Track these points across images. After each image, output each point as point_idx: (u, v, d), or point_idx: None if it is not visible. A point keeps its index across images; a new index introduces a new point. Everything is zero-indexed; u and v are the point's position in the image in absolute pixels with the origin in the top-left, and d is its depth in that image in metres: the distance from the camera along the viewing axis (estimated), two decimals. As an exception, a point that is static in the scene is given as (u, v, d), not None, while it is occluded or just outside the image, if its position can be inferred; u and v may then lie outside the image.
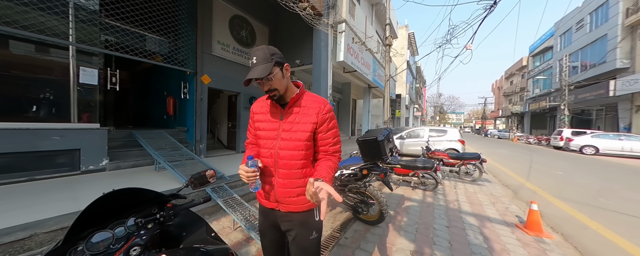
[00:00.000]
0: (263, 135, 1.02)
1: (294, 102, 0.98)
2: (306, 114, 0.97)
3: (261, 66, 0.87)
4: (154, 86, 6.81)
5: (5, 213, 1.98)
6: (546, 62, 22.66)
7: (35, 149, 2.96)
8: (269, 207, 1.05)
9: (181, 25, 4.63)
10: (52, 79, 3.25)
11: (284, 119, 0.98)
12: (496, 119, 42.23)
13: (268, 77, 0.88)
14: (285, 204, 1.00)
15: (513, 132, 25.18)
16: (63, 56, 3.32)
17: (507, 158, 9.19)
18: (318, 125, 0.96)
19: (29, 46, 3.08)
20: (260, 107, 1.07)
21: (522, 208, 3.33)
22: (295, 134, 0.96)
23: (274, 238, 1.10)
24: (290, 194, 0.98)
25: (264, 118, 1.03)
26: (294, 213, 1.00)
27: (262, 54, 0.88)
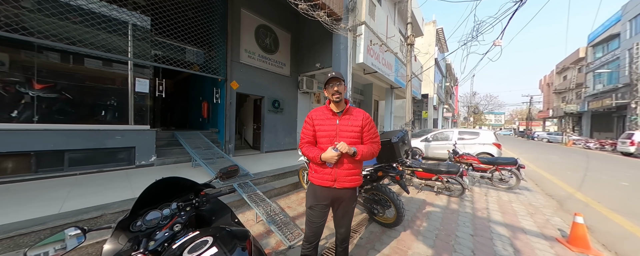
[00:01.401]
0: (324, 134, 1.47)
1: (346, 112, 1.50)
2: (355, 119, 1.47)
3: (338, 76, 1.43)
4: (192, 92, 7.66)
5: (84, 196, 2.50)
6: (611, 52, 19.12)
7: (103, 146, 3.62)
8: (326, 186, 1.46)
9: (214, 37, 5.18)
10: (116, 88, 3.94)
11: (340, 122, 1.47)
12: (545, 120, 36.85)
13: (342, 81, 1.44)
14: (341, 182, 1.45)
15: (567, 135, 21.71)
16: (124, 69, 4.01)
17: (557, 164, 8.02)
18: (363, 126, 1.47)
19: (99, 62, 3.79)
20: (318, 115, 1.53)
21: (568, 221, 2.94)
22: (349, 133, 1.45)
23: (323, 211, 1.52)
24: (347, 174, 1.45)
25: (323, 123, 1.49)
26: (347, 188, 1.47)
27: (338, 73, 1.47)
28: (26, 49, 3.18)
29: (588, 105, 21.06)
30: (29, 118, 3.18)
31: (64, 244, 0.80)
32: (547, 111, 33.64)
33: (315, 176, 1.50)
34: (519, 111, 54.80)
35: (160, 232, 0.96)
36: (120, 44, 3.83)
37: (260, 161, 5.12)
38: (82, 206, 2.19)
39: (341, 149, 1.35)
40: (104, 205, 2.23)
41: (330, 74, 1.43)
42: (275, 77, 6.73)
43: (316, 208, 1.51)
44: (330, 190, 1.46)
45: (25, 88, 3.18)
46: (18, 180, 2.94)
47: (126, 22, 3.94)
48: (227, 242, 0.81)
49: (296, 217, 2.84)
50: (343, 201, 1.50)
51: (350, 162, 1.44)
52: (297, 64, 7.48)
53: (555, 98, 31.22)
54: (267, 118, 6.53)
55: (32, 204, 2.21)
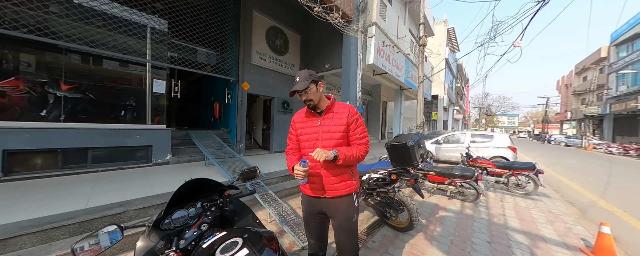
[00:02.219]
0: (306, 138, 1.32)
1: (328, 110, 1.30)
2: (338, 117, 1.27)
3: (302, 82, 1.23)
4: (204, 93, 7.85)
5: (107, 193, 2.62)
6: (636, 51, 18.04)
7: (123, 144, 3.78)
8: (315, 196, 1.30)
9: (227, 39, 5.29)
10: (135, 89, 4.11)
11: (322, 123, 1.29)
12: (563, 123, 35.21)
13: (305, 90, 1.24)
14: (330, 191, 1.26)
15: (587, 138, 20.66)
16: (142, 70, 4.18)
17: (576, 169, 7.65)
18: (348, 124, 1.27)
19: (119, 63, 3.96)
20: (300, 118, 1.37)
21: (591, 231, 2.80)
22: (332, 134, 1.26)
23: (318, 221, 1.36)
24: (334, 181, 1.26)
25: (304, 125, 1.34)
26: (338, 197, 1.27)
27: (303, 75, 1.25)
28: (54, 51, 3.38)
29: (610, 107, 19.96)
30: (56, 117, 3.37)
31: (105, 238, 0.84)
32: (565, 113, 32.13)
33: (304, 185, 1.31)
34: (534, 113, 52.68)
35: (189, 231, 0.99)
36: (139, 47, 4.00)
37: (270, 161, 5.18)
38: (106, 202, 2.30)
39: (317, 158, 1.10)
40: (126, 202, 2.33)
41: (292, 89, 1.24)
42: (284, 78, 6.80)
43: (311, 220, 1.35)
44: (321, 201, 1.29)
45: (53, 89, 3.37)
46: (46, 176, 3.12)
47: (145, 25, 4.10)
48: (255, 243, 0.83)
49: (307, 218, 2.85)
50: (339, 212, 1.27)
51: (335, 167, 1.23)
52: (306, 65, 7.52)
53: (574, 100, 29.79)
54: (277, 119, 6.60)
55: (61, 199, 2.34)
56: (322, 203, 1.30)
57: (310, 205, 1.35)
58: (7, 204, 2.19)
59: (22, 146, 3.00)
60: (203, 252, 0.84)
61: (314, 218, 1.35)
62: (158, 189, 2.79)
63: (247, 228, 0.99)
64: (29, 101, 3.18)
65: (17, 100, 3.11)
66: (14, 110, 3.08)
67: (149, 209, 2.35)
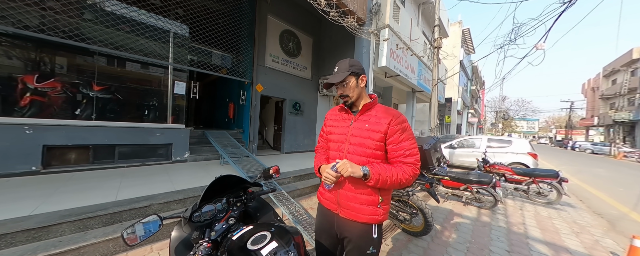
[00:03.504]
0: (333, 138, 1.13)
1: (365, 110, 1.06)
2: (376, 123, 1.00)
3: (339, 73, 1.04)
4: (219, 94, 8.14)
5: (133, 187, 2.80)
6: (676, 53, 16.58)
7: (147, 142, 4.01)
8: (328, 208, 1.12)
9: (242, 42, 5.48)
10: (157, 90, 4.36)
11: (354, 124, 1.06)
12: (589, 129, 32.97)
13: (342, 83, 1.04)
14: (345, 210, 1.03)
15: (617, 146, 19.20)
16: (165, 73, 4.42)
17: (605, 179, 7.15)
18: (388, 136, 0.98)
19: (145, 66, 4.23)
20: (333, 114, 1.20)
21: (622, 244, 2.63)
22: (363, 140, 1.01)
23: (329, 242, 1.15)
24: (353, 199, 1.01)
25: (335, 123, 1.15)
26: (352, 221, 1.02)
27: (343, 65, 1.07)
28: (87, 55, 3.67)
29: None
30: (89, 116, 3.65)
31: (149, 226, 0.93)
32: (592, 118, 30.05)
33: (321, 191, 1.16)
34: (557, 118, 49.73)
35: (218, 224, 1.06)
36: (162, 50, 4.24)
37: (281, 161, 5.28)
38: (133, 195, 2.46)
39: (340, 171, 0.91)
40: (151, 196, 2.48)
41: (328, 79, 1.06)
42: (296, 80, 6.91)
43: (321, 237, 1.15)
44: (333, 216, 1.09)
45: (86, 90, 3.66)
46: (79, 170, 3.38)
47: (168, 30, 4.35)
48: (282, 236, 0.88)
49: (320, 219, 2.89)
50: (351, 240, 1.03)
51: (361, 186, 0.99)
52: (317, 67, 7.61)
53: (602, 104, 27.84)
54: (288, 120, 6.72)
55: (93, 192, 2.53)
56: (334, 219, 1.09)
57: (322, 217, 1.16)
58: (48, 194, 2.40)
59: (59, 141, 3.27)
60: (234, 243, 0.90)
61: (326, 233, 1.14)
62: (179, 185, 2.94)
63: (272, 223, 1.04)
64: (66, 101, 3.47)
65: (55, 100, 3.40)
66: (53, 109, 3.37)
67: (172, 204, 2.48)
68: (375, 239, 1.03)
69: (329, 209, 1.11)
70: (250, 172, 3.65)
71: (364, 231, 1.02)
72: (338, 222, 1.07)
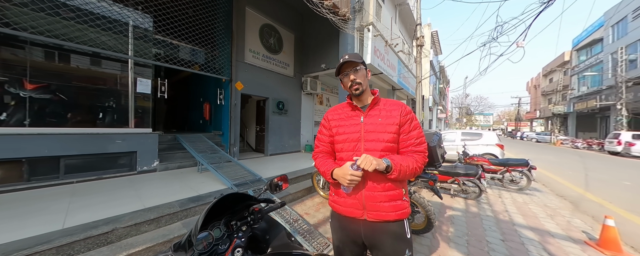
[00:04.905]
0: (344, 139, 1.03)
1: (374, 104, 1.03)
2: (388, 115, 0.99)
3: (353, 59, 1.00)
4: (191, 93, 7.36)
5: (88, 208, 2.25)
6: (594, 56, 20.10)
7: (103, 151, 3.35)
8: (351, 216, 0.98)
9: (218, 36, 4.96)
10: (115, 89, 3.68)
11: (366, 120, 1.01)
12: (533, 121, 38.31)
13: (356, 69, 1.00)
14: (373, 212, 0.94)
15: (555, 135, 22.60)
16: (124, 68, 3.75)
17: (556, 164, 8.24)
18: (401, 126, 0.98)
19: (96, 60, 3.52)
20: (335, 113, 1.11)
21: (589, 223, 2.94)
22: (379, 134, 0.97)
23: (353, 251, 1.02)
24: (379, 199, 0.94)
25: (342, 123, 1.06)
26: (382, 222, 0.94)
27: (354, 55, 1.03)
28: (15, 46, 2.89)
29: (573, 106, 22.02)
30: (20, 121, 2.89)
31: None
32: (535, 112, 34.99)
33: (336, 200, 1.03)
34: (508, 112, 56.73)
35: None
36: (119, 43, 3.58)
37: (267, 165, 4.93)
38: (89, 219, 1.96)
39: (364, 166, 0.85)
40: (114, 218, 2.01)
41: (342, 59, 1.00)
42: (279, 78, 6.57)
43: (345, 250, 1.04)
44: (359, 223, 0.98)
45: (15, 88, 2.89)
46: (9, 190, 2.64)
47: (127, 17, 3.69)
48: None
49: (317, 225, 2.70)
50: (384, 246, 0.94)
51: (385, 180, 0.93)
52: (300, 65, 7.35)
53: (542, 100, 32.52)
54: (272, 120, 6.35)
55: (31, 219, 1.97)
56: (361, 227, 0.97)
57: (343, 229, 1.02)
58: (-43, 228, 1.78)
59: (-25, 156, 2.52)
60: None
61: (349, 248, 1.02)
62: (150, 201, 2.47)
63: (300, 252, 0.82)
64: (-16, 103, 2.69)
65: (-33, 101, 2.61)
66: (-36, 113, 2.58)
67: (142, 225, 2.05)
68: (409, 240, 0.97)
69: (352, 217, 0.99)
70: (235, 179, 3.28)
71: (397, 232, 0.95)
72: (366, 228, 0.97)
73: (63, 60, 3.25)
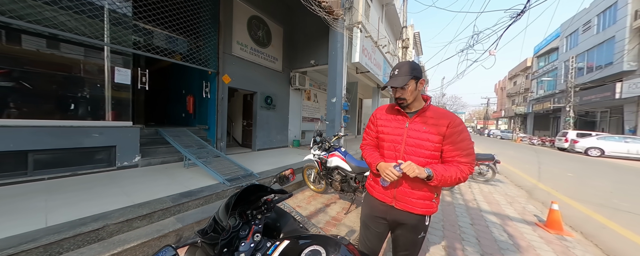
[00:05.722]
0: (387, 139, 1.13)
1: (422, 112, 1.07)
2: (434, 124, 1.03)
3: (401, 77, 1.03)
4: (173, 85, 6.94)
5: (70, 205, 2.13)
6: (551, 63, 22.63)
7: (78, 145, 3.10)
8: (382, 200, 1.13)
9: (204, 25, 4.74)
10: (90, 79, 3.38)
11: (410, 126, 1.07)
12: (498, 120, 42.24)
13: (403, 87, 1.03)
14: (401, 203, 1.08)
15: (516, 133, 25.25)
16: (98, 56, 3.46)
17: (515, 159, 9.32)
18: (446, 137, 1.00)
19: (69, 46, 3.20)
20: (382, 113, 1.19)
21: (539, 208, 3.47)
22: (421, 142, 1.03)
23: (379, 230, 1.17)
24: (409, 195, 1.06)
25: (388, 124, 1.14)
26: (408, 212, 1.07)
27: (404, 69, 1.04)
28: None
29: (532, 107, 24.73)
30: (-24, 112, 2.57)
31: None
32: (500, 111, 38.57)
33: (372, 185, 1.19)
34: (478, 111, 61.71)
35: (245, 243, 0.89)
36: (94, 28, 3.27)
37: (257, 160, 4.93)
38: (75, 216, 1.88)
39: (407, 172, 0.94)
40: (103, 214, 1.94)
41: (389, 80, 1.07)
42: (268, 72, 6.47)
43: (371, 224, 1.18)
44: (387, 207, 1.12)
45: (-33, 74, 2.54)
46: (-35, 189, 2.37)
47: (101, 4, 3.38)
48: (337, 248, 0.79)
49: (310, 216, 2.84)
50: (404, 228, 1.11)
51: (419, 183, 1.04)
52: (289, 60, 7.29)
53: (507, 101, 35.90)
54: (260, 115, 6.28)
55: (6, 218, 1.82)
56: (388, 211, 1.12)
57: (374, 208, 1.18)
58: None
59: None
60: None
61: (375, 222, 1.17)
62: (138, 197, 2.39)
63: (314, 234, 0.93)
64: None
65: None
66: None
67: (134, 221, 2.01)
68: (427, 226, 1.13)
69: (382, 202, 1.14)
70: (227, 174, 3.27)
71: (418, 220, 1.09)
72: (392, 212, 1.12)
73: (27, 44, 2.91)
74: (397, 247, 1.17)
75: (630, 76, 13.05)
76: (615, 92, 12.94)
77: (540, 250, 2.26)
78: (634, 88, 12.08)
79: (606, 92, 13.84)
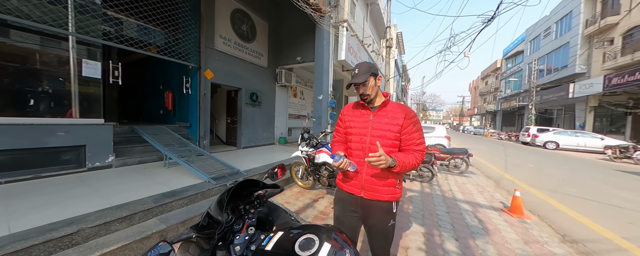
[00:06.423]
0: (354, 132, 1.23)
1: (383, 106, 1.21)
2: (393, 116, 1.16)
3: (361, 75, 1.15)
4: (150, 80, 6.48)
5: (37, 210, 1.95)
6: (517, 65, 24.77)
7: (41, 145, 2.82)
8: (351, 192, 1.22)
9: (184, 17, 4.49)
10: (53, 72, 3.07)
11: (374, 119, 1.19)
12: (472, 117, 45.48)
13: (364, 83, 1.16)
14: (369, 192, 1.17)
15: (487, 129, 27.42)
16: (63, 47, 3.13)
17: (486, 152, 10.16)
18: (403, 127, 1.15)
19: (26, 35, 2.86)
20: (350, 110, 1.30)
21: (505, 196, 3.87)
22: (385, 132, 1.16)
23: (352, 224, 1.26)
24: (377, 184, 1.16)
25: (355, 118, 1.25)
26: (377, 201, 1.17)
27: (363, 67, 1.17)
28: None
29: (501, 105, 26.96)
30: None
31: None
32: (474, 109, 41.49)
33: (343, 179, 1.27)
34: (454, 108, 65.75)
35: (239, 236, 0.92)
36: (57, 15, 2.95)
37: (243, 158, 4.84)
38: (43, 221, 1.73)
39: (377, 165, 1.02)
40: (77, 218, 1.81)
41: (352, 78, 1.18)
42: (253, 68, 6.32)
43: (344, 219, 1.26)
44: (357, 199, 1.20)
45: None
46: None
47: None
48: (330, 236, 0.85)
49: (298, 212, 2.89)
50: (374, 217, 1.19)
51: (385, 171, 1.13)
52: (275, 56, 7.17)
53: (480, 99, 38.68)
54: (245, 112, 6.14)
55: (-46, 227, 1.62)
56: (358, 202, 1.20)
57: (345, 202, 1.26)
58: None
59: None
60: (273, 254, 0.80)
61: (348, 217, 1.25)
62: (115, 199, 2.26)
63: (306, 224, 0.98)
64: None
65: None
66: None
67: (112, 224, 1.91)
68: (394, 213, 1.22)
69: (352, 194, 1.22)
70: (212, 173, 3.19)
71: (386, 208, 1.18)
72: (362, 203, 1.20)
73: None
74: (371, 239, 1.25)
75: (581, 78, 14.78)
76: (569, 92, 14.58)
77: (505, 232, 2.55)
78: (583, 89, 13.70)
79: (561, 92, 15.55)
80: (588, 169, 6.91)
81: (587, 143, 11.83)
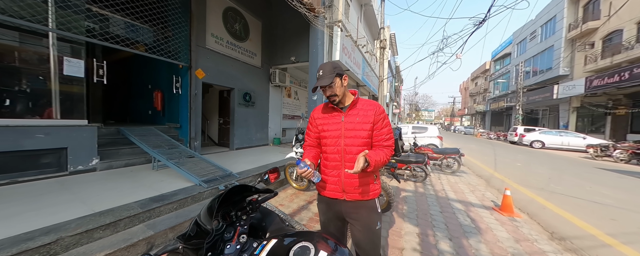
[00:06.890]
0: (328, 135, 1.19)
1: (353, 105, 1.19)
2: (364, 115, 1.15)
3: (326, 77, 1.10)
4: (137, 79, 6.25)
5: (11, 217, 1.82)
6: (505, 67, 25.58)
7: (17, 147, 2.64)
8: (334, 197, 1.19)
9: (173, 15, 4.35)
10: (31, 70, 2.89)
11: (346, 120, 1.16)
12: (462, 117, 46.65)
13: (330, 85, 1.11)
14: (351, 194, 1.15)
15: (477, 128, 28.18)
16: (43, 44, 2.96)
17: (476, 151, 10.42)
18: (374, 123, 1.14)
19: (8, 33, 2.68)
20: (320, 114, 1.25)
21: (495, 195, 3.96)
22: (358, 132, 1.14)
23: (337, 226, 1.24)
24: (356, 183, 1.14)
25: (326, 121, 1.21)
26: (359, 201, 1.15)
27: (327, 68, 1.12)
28: None
29: (490, 106, 27.77)
30: None
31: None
32: (464, 109, 42.55)
33: (322, 184, 1.22)
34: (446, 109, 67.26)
35: (230, 245, 0.87)
36: (35, 10, 2.78)
37: (236, 159, 4.74)
38: (18, 230, 1.61)
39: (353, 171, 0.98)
40: (56, 226, 1.70)
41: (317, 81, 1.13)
42: (246, 67, 6.21)
43: (330, 225, 1.24)
44: (340, 203, 1.18)
45: None
46: None
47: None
48: (325, 244, 0.82)
49: (293, 214, 2.84)
50: (361, 219, 1.15)
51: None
52: (268, 56, 7.08)
53: (470, 100, 39.71)
54: (238, 112, 6.02)
55: None
56: (342, 206, 1.18)
57: (328, 208, 1.23)
58: None
59: None
60: None
61: (333, 222, 1.24)
62: (98, 205, 2.14)
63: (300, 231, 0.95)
64: None
65: None
66: None
67: (95, 231, 1.80)
68: (380, 214, 1.21)
69: (334, 199, 1.19)
70: (203, 175, 3.10)
71: (371, 207, 1.17)
72: (346, 206, 1.18)
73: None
74: (358, 245, 1.19)
75: (565, 80, 15.42)
76: (553, 93, 15.17)
77: (496, 230, 2.59)
78: (567, 90, 14.29)
79: (546, 93, 16.16)
80: (572, 167, 7.20)
81: (570, 142, 12.34)
